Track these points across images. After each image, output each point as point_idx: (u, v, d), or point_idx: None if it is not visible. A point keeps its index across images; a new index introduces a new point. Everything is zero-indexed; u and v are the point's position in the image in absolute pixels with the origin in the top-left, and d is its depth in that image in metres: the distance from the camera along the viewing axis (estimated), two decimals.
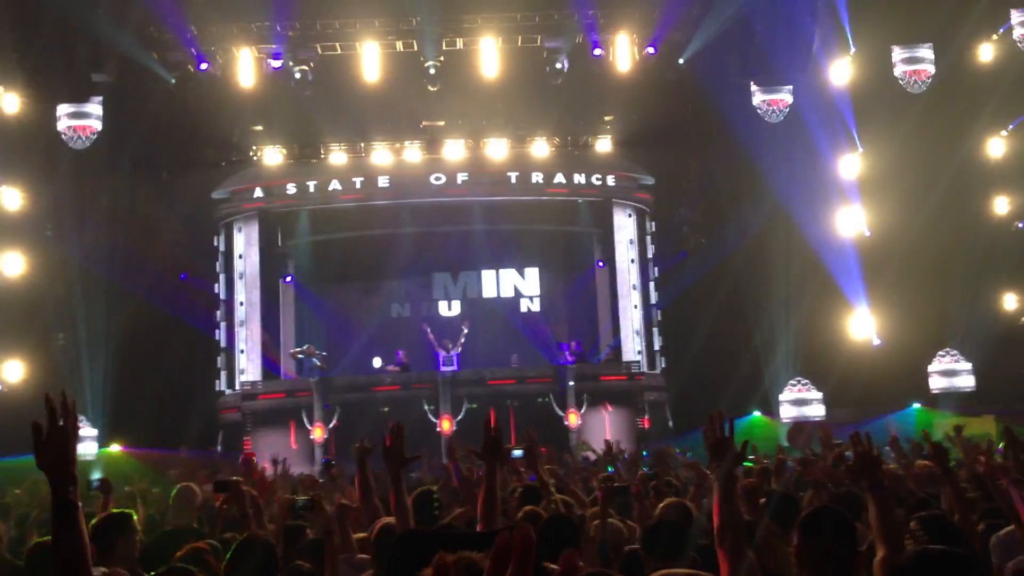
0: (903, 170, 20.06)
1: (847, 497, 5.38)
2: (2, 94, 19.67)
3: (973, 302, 20.46)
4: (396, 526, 4.30)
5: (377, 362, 21.95)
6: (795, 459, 9.91)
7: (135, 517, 4.95)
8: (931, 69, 20.71)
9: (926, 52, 20.75)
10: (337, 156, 23.13)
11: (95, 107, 20.32)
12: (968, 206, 20.95)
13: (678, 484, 7.83)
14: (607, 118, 23.29)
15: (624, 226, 23.41)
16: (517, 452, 6.03)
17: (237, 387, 21.72)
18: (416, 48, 20.56)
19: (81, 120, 20.20)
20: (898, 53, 20.80)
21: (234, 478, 5.50)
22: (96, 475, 17.41)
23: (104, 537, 4.56)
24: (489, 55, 20.53)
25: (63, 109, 20.21)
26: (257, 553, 3.98)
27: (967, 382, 20.59)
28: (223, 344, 22.57)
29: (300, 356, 21.14)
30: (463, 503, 5.99)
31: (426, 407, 19.33)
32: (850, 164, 21.24)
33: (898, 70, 20.76)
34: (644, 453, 15.88)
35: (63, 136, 20.14)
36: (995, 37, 21.03)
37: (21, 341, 19.63)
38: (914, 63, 20.74)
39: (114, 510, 5.18)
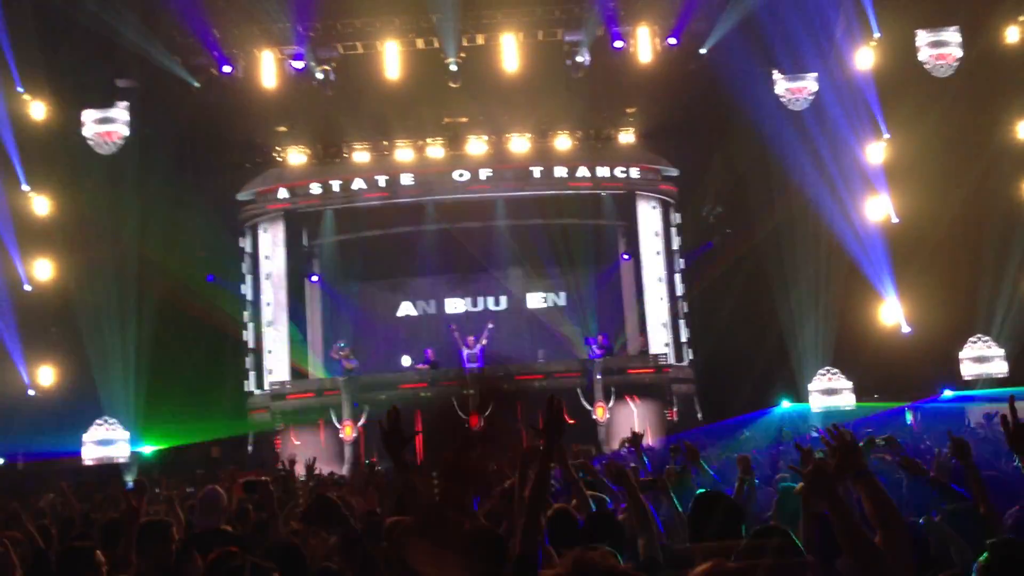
0: (931, 155, 19.80)
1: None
2: (29, 101, 19.91)
3: (1005, 287, 20.22)
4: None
5: (406, 361, 22.00)
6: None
7: (172, 526, 5.00)
8: (957, 52, 20.44)
9: (952, 35, 20.49)
10: (360, 155, 23.19)
11: (121, 112, 20.53)
12: (998, 190, 20.63)
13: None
14: (629, 110, 23.19)
15: (649, 218, 23.33)
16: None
17: (266, 387, 21.87)
18: (437, 45, 20.55)
19: (107, 126, 20.42)
20: (923, 37, 20.54)
21: (263, 478, 5.52)
22: (130, 477, 17.69)
23: (143, 544, 4.61)
24: (509, 50, 20.49)
25: (89, 115, 20.45)
26: None
27: (1000, 368, 20.34)
28: (251, 345, 22.72)
29: (339, 356, 21.23)
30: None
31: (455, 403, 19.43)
32: (876, 150, 21.01)
33: (923, 54, 20.51)
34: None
35: (90, 142, 20.36)
36: (1022, 19, 20.72)
37: (52, 346, 19.89)
38: (940, 47, 20.48)
39: (153, 518, 5.22)
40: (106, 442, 19.45)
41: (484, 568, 3.45)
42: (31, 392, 19.54)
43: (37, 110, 19.98)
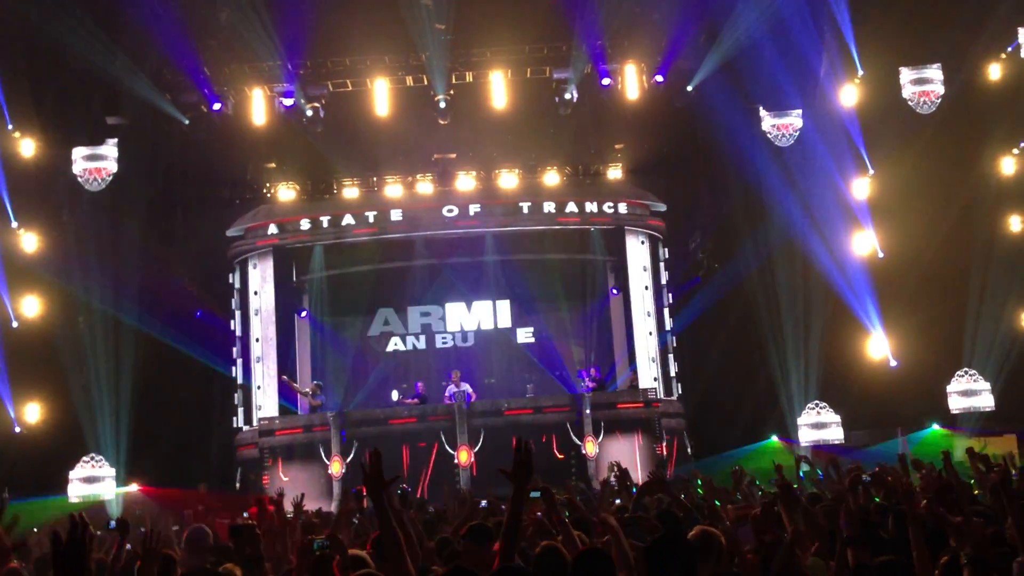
0: (915, 190, 20.04)
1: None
2: (19, 139, 19.97)
3: (990, 321, 20.37)
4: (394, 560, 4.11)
5: (395, 395, 21.93)
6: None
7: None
8: (940, 89, 20.74)
9: (934, 72, 20.80)
10: (350, 191, 23.24)
11: (110, 149, 20.59)
12: (982, 224, 20.88)
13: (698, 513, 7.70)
14: (617, 146, 23.35)
15: (637, 253, 23.39)
16: (534, 493, 5.78)
17: (255, 423, 21.74)
18: (426, 82, 20.72)
19: (97, 163, 20.46)
20: (906, 74, 20.86)
21: (248, 522, 5.50)
22: (115, 514, 17.53)
23: None
24: (498, 87, 20.69)
25: (79, 152, 20.49)
26: None
27: (986, 402, 20.42)
28: (240, 381, 22.61)
29: (306, 392, 21.25)
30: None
31: (443, 438, 19.37)
32: (861, 186, 21.22)
33: (907, 91, 20.80)
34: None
35: (79, 179, 20.40)
36: (1003, 56, 21.05)
37: (39, 383, 19.78)
38: (922, 84, 20.79)
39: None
40: (92, 479, 19.30)
41: None
42: (17, 429, 19.41)
43: (27, 147, 20.04)
